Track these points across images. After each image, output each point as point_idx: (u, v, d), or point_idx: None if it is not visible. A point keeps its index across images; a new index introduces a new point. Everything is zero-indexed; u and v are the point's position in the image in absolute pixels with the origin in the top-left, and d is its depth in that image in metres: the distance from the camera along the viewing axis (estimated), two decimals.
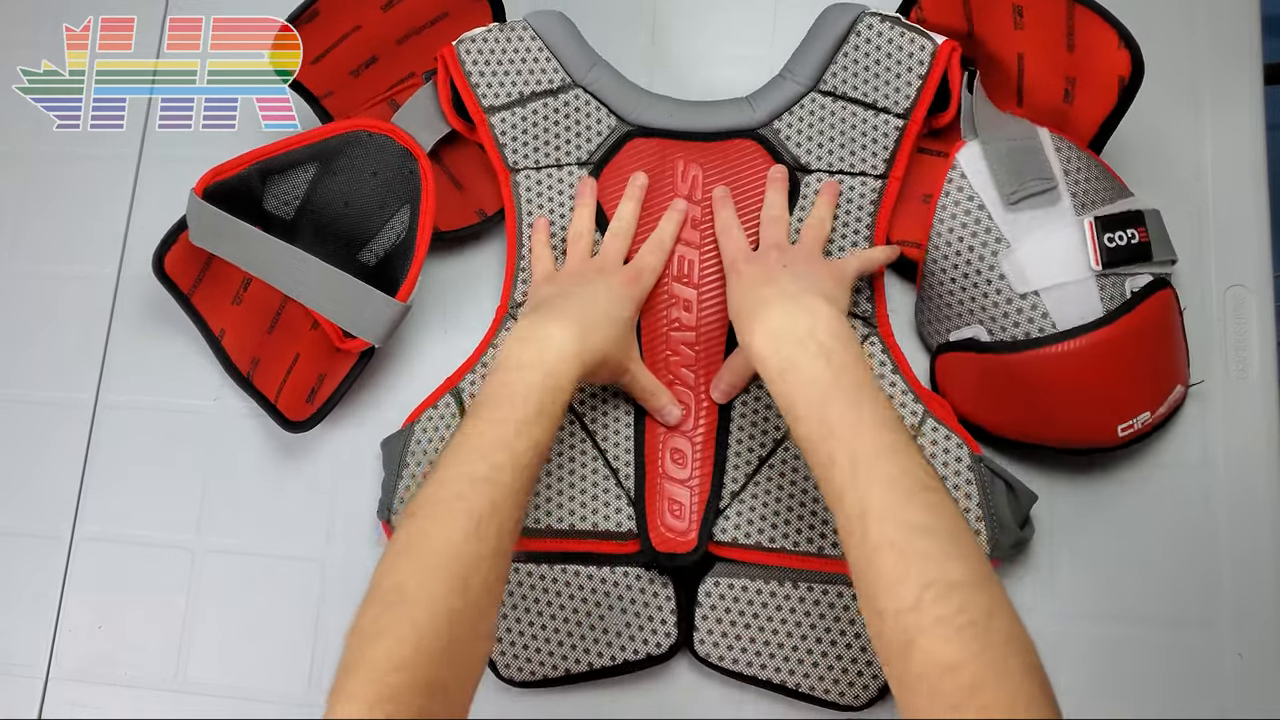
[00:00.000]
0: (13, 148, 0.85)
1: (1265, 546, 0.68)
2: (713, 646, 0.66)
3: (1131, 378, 0.64)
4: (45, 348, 0.80)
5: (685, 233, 0.71)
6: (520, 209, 0.72)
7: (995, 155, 0.66)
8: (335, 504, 0.75)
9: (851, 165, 0.70)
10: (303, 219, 0.74)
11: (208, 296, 0.74)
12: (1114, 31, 0.63)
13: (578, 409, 0.69)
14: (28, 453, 0.78)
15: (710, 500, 0.67)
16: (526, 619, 0.67)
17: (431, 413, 0.70)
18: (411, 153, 0.71)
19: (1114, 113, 0.66)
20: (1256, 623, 0.66)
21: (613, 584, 0.67)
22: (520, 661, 0.67)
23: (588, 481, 0.68)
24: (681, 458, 0.68)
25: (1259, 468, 0.69)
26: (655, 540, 0.66)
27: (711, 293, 0.70)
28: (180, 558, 0.75)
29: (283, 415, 0.72)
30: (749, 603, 0.66)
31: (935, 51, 0.68)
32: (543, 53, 0.72)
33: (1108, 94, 0.65)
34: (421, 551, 0.50)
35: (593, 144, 0.72)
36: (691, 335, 0.70)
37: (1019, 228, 0.65)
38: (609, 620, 0.67)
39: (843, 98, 0.70)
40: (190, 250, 0.72)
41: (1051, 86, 0.68)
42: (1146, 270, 0.65)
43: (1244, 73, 0.75)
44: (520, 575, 0.67)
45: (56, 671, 0.74)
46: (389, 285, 0.70)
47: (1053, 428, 0.66)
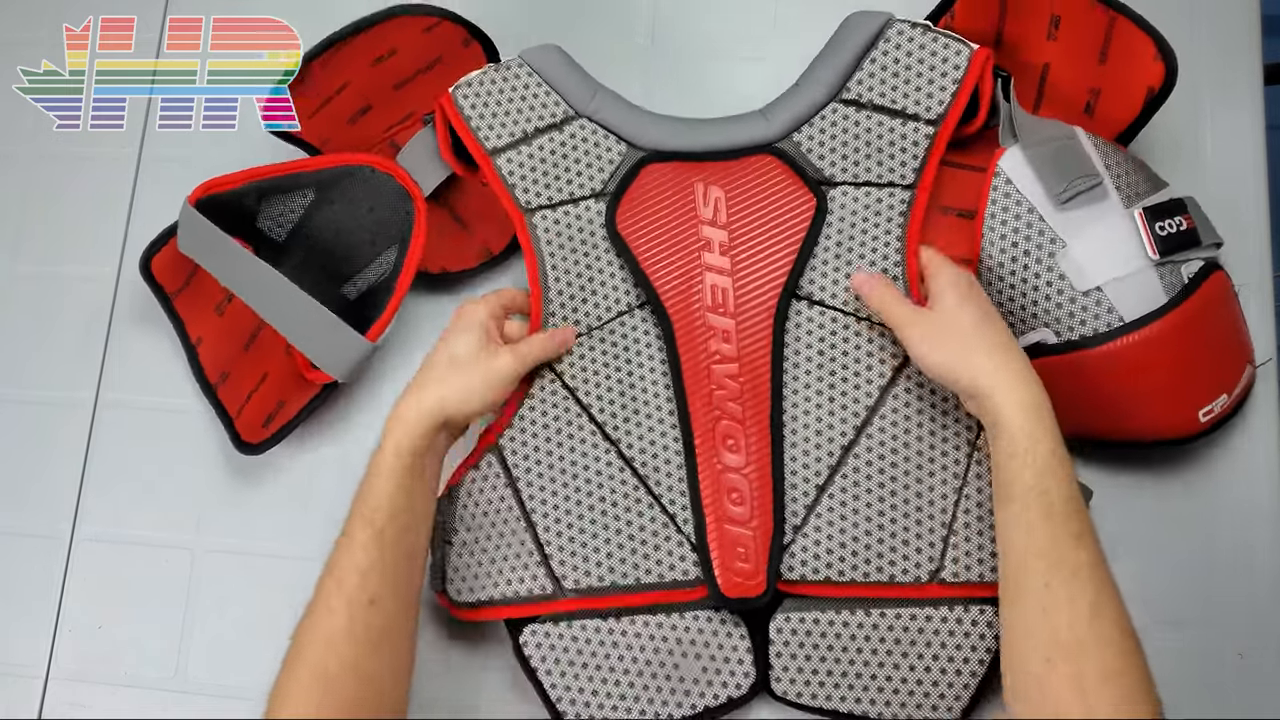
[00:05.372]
0: (13, 148, 0.85)
1: (1266, 546, 0.68)
2: (789, 684, 0.64)
3: (1206, 359, 0.64)
4: (45, 348, 0.80)
5: (715, 261, 0.68)
6: (540, 251, 0.69)
7: (1039, 158, 0.65)
8: (335, 504, 0.74)
9: (879, 176, 0.68)
10: (293, 242, 0.73)
11: (191, 302, 0.74)
12: (1152, 43, 0.63)
13: (626, 453, 0.67)
14: (28, 453, 0.78)
15: (775, 538, 0.64)
16: (599, 675, 0.65)
17: (474, 474, 0.67)
18: (410, 194, 0.70)
19: (1134, 123, 0.66)
20: (1256, 623, 0.66)
21: (683, 629, 0.65)
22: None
23: (647, 532, 0.66)
24: (739, 496, 0.65)
25: (1259, 468, 0.69)
26: (724, 587, 0.64)
27: (750, 320, 0.67)
28: (180, 558, 0.75)
29: (238, 434, 0.71)
30: (822, 635, 0.64)
31: (971, 57, 0.67)
32: (541, 87, 0.70)
33: (1133, 104, 0.66)
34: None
35: (605, 173, 0.69)
36: (734, 367, 0.67)
37: (1072, 226, 0.65)
38: (684, 668, 0.65)
39: (868, 106, 0.68)
40: (179, 255, 0.72)
41: (1073, 97, 0.68)
42: (1197, 255, 0.65)
43: (1244, 73, 0.75)
44: (588, 632, 0.66)
45: (56, 671, 0.74)
46: (366, 320, 0.70)
47: (1135, 421, 0.65)
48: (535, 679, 0.66)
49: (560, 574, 0.66)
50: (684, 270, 0.68)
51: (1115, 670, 0.52)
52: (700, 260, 0.68)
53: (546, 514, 0.67)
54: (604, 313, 0.69)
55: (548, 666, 0.66)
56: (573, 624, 0.66)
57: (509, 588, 0.66)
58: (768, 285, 0.67)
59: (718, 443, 0.66)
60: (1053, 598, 0.54)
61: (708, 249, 0.68)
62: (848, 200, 0.68)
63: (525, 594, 0.66)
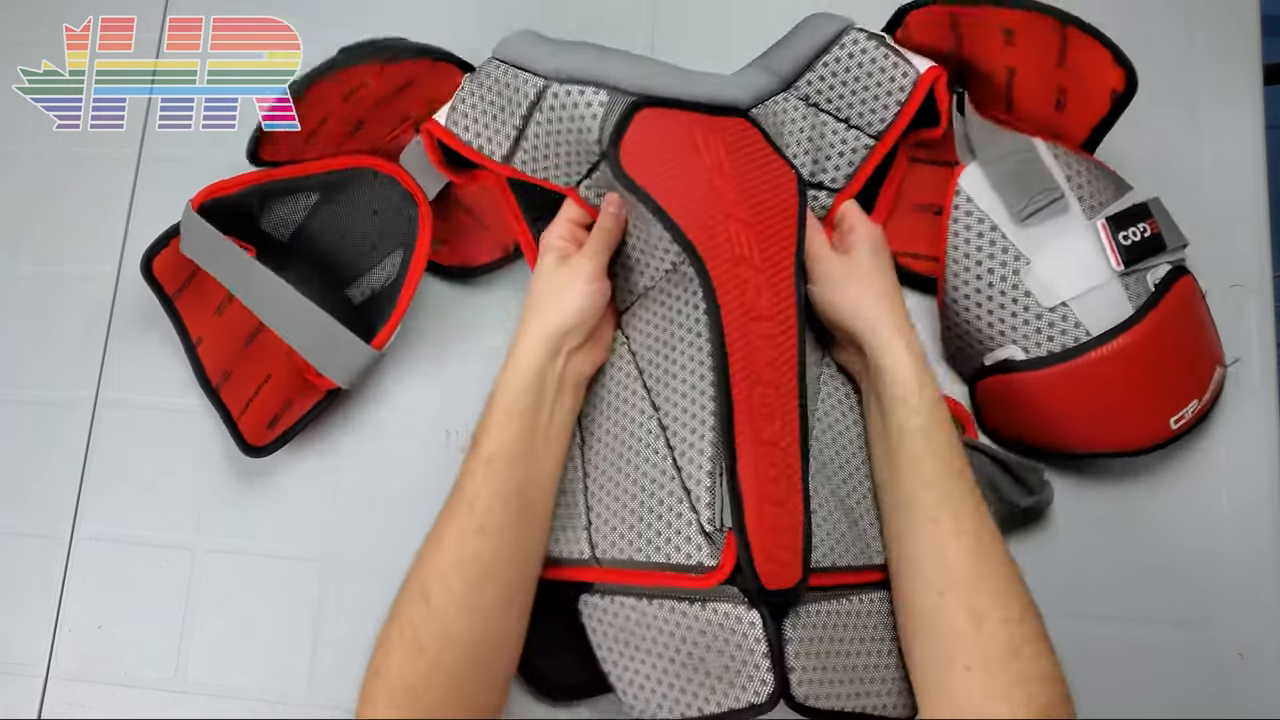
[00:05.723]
0: (13, 148, 0.85)
1: (1265, 546, 0.68)
2: (810, 686, 0.58)
3: (1174, 367, 0.64)
4: (45, 348, 0.80)
5: (734, 209, 0.63)
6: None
7: (998, 174, 0.66)
8: (334, 504, 0.75)
9: (812, 174, 0.69)
10: (297, 244, 0.73)
11: (191, 303, 0.73)
12: (1107, 52, 0.63)
13: (664, 421, 0.64)
14: (28, 453, 0.78)
15: (806, 520, 0.59)
16: (639, 656, 0.61)
17: None
18: (414, 198, 0.70)
19: (1105, 120, 0.66)
20: (1256, 623, 0.66)
21: (705, 622, 0.59)
22: (643, 698, 0.61)
23: (664, 507, 0.61)
24: (776, 473, 0.59)
25: (1259, 467, 0.69)
26: (765, 576, 0.57)
27: (776, 276, 0.63)
28: (180, 558, 0.75)
29: (242, 436, 0.71)
30: (825, 626, 0.60)
31: (918, 80, 0.66)
32: (510, 72, 0.68)
33: (1099, 103, 0.65)
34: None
35: (594, 130, 0.65)
36: (770, 326, 0.62)
37: (1034, 242, 0.65)
38: (709, 663, 0.59)
39: (816, 106, 0.69)
40: (180, 256, 0.72)
41: (1042, 96, 0.68)
42: (1163, 260, 0.65)
43: (1244, 73, 0.75)
44: (626, 609, 0.62)
45: (56, 671, 0.74)
46: (371, 326, 0.69)
47: (1105, 434, 0.66)
48: (591, 647, 0.64)
49: (595, 541, 0.64)
50: (707, 217, 0.63)
51: (1003, 594, 0.55)
52: (719, 206, 0.63)
53: (596, 478, 0.65)
54: (654, 274, 0.68)
55: (598, 639, 0.63)
56: (614, 599, 0.63)
57: (558, 547, 0.65)
58: (781, 245, 0.64)
59: (755, 410, 0.60)
60: (940, 531, 0.56)
61: (721, 197, 0.63)
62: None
63: (569, 556, 0.64)
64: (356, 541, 0.74)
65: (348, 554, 0.74)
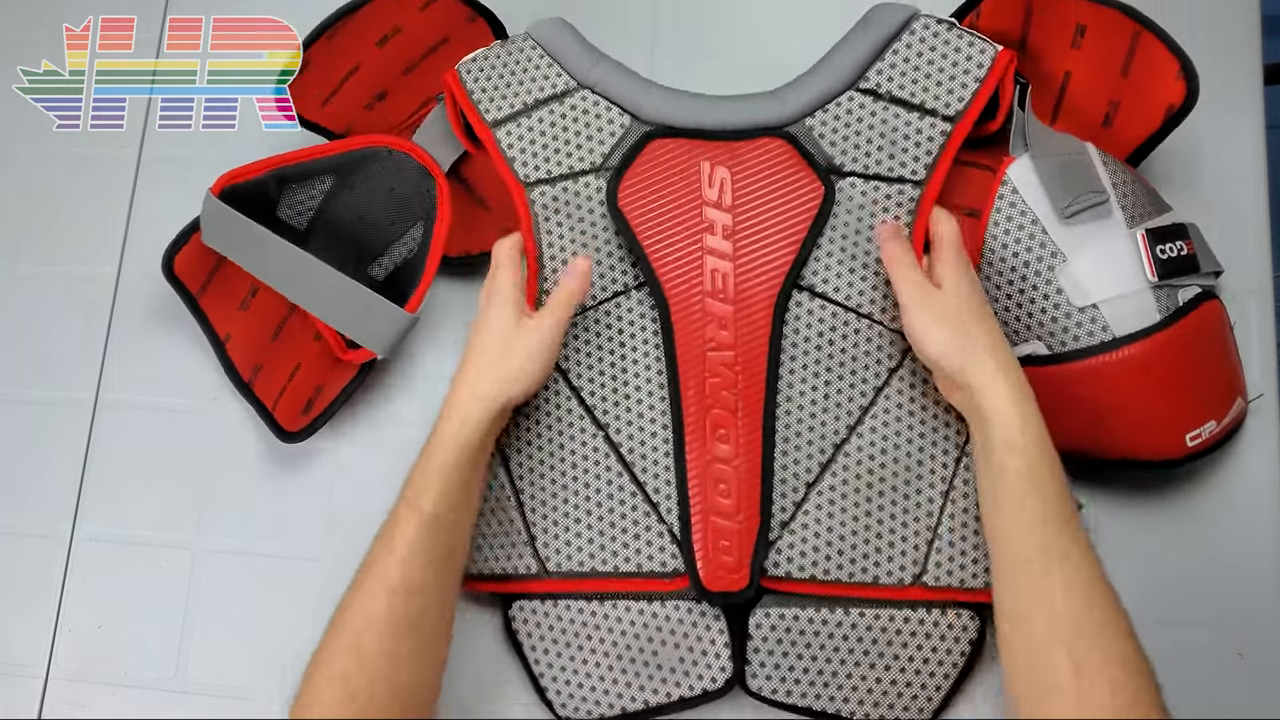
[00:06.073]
0: (13, 148, 0.85)
1: (1265, 546, 0.68)
2: (765, 680, 0.65)
3: (1194, 382, 0.64)
4: (45, 348, 0.80)
5: (717, 244, 0.66)
6: (538, 227, 0.68)
7: (1047, 169, 0.65)
8: (334, 503, 0.75)
9: (890, 170, 0.67)
10: (315, 229, 0.73)
11: (216, 300, 0.73)
12: (1176, 62, 0.63)
13: (614, 439, 0.67)
14: (28, 453, 0.78)
15: (760, 532, 0.64)
16: (580, 656, 0.66)
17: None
18: (430, 172, 0.71)
19: (1153, 137, 0.66)
20: (1256, 623, 0.66)
21: (664, 618, 0.65)
22: (576, 700, 0.66)
23: (628, 520, 0.66)
24: (727, 489, 0.65)
25: (1259, 468, 0.69)
26: (706, 579, 0.64)
27: (749, 308, 0.66)
28: (180, 558, 0.75)
29: (278, 425, 0.72)
30: (800, 631, 0.65)
31: (995, 56, 0.66)
32: (544, 59, 0.69)
33: (1152, 119, 0.66)
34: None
35: (606, 146, 0.68)
36: (730, 355, 0.66)
37: (1074, 241, 0.65)
38: (663, 656, 0.65)
39: (885, 97, 0.67)
40: (200, 252, 0.72)
41: (1093, 108, 0.68)
42: (1196, 281, 0.65)
43: (1244, 73, 0.75)
44: (572, 613, 0.67)
45: (56, 671, 0.74)
46: (398, 297, 0.70)
47: (1121, 438, 0.65)
48: (521, 654, 0.67)
49: (544, 555, 0.67)
50: (684, 252, 0.67)
51: (1114, 654, 0.53)
52: (702, 243, 0.67)
53: (535, 495, 0.67)
54: (599, 292, 0.69)
55: (532, 643, 0.67)
56: (558, 604, 0.67)
57: (496, 564, 0.67)
58: (770, 273, 0.66)
59: (708, 432, 0.65)
60: (1048, 583, 0.54)
61: (710, 231, 0.67)
62: (855, 193, 0.67)
63: (511, 571, 0.67)
64: (357, 541, 0.74)
65: (348, 554, 0.73)
